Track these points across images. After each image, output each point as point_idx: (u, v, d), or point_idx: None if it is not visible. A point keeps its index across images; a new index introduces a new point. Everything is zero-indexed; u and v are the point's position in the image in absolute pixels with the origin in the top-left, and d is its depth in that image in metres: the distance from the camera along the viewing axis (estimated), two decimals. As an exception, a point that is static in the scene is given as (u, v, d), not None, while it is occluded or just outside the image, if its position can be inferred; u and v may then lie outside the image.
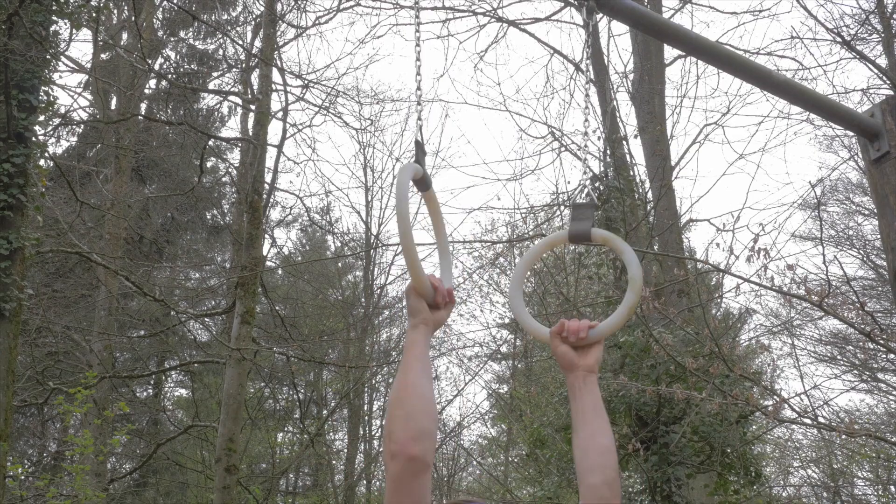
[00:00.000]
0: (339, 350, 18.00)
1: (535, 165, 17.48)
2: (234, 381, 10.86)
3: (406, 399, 1.67)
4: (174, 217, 17.90)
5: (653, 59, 11.93)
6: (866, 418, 16.26)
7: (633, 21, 2.65)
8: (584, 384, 1.87)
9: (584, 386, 1.87)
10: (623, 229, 9.26)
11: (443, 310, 1.87)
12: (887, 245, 2.94)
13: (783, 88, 2.88)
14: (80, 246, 11.49)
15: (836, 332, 15.57)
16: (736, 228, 7.86)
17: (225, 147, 17.28)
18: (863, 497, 18.50)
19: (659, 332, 8.16)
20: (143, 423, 17.87)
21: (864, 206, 16.12)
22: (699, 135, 11.78)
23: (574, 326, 1.89)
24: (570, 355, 1.88)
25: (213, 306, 16.87)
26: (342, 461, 18.09)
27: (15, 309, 7.79)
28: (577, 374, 1.88)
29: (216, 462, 10.76)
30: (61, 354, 14.35)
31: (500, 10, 12.66)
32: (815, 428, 8.45)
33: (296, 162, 21.38)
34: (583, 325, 1.90)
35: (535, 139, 13.63)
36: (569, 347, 1.89)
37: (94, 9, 9.36)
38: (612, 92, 11.44)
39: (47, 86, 8.42)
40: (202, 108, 18.32)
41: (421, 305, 1.83)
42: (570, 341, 1.89)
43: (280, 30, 13.14)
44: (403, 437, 1.62)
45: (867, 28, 11.77)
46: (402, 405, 1.66)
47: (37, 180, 8.23)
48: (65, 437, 13.42)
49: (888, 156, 2.89)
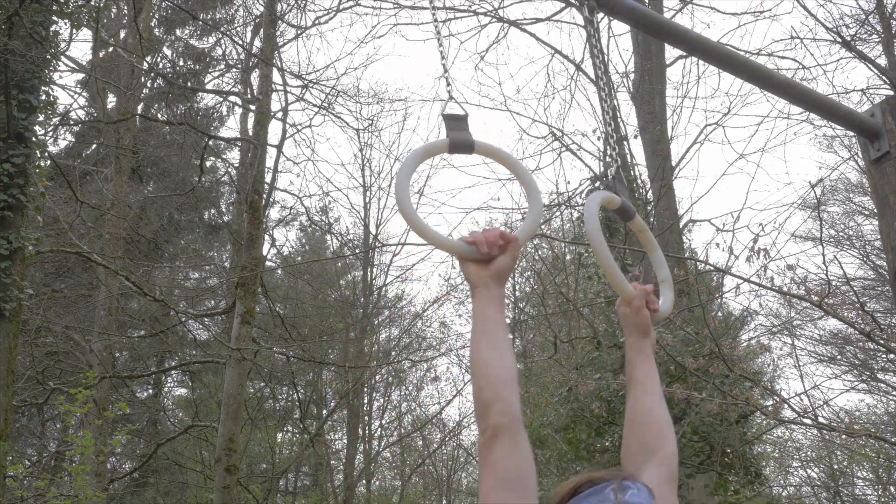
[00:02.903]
0: (338, 350, 18.00)
1: (536, 165, 17.46)
2: (234, 381, 10.86)
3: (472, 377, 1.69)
4: (173, 217, 17.90)
5: (653, 59, 11.93)
6: (866, 418, 16.27)
7: (633, 21, 2.65)
8: (651, 352, 1.93)
9: (651, 354, 1.93)
10: (623, 229, 9.26)
11: (502, 256, 1.74)
12: (887, 245, 2.94)
13: (783, 88, 2.88)
14: (80, 246, 11.48)
15: (836, 332, 15.58)
16: (736, 228, 7.87)
17: (224, 147, 17.29)
18: (863, 497, 18.51)
19: (659, 332, 8.16)
20: (143, 423, 17.86)
21: (864, 206, 16.13)
22: (699, 135, 11.79)
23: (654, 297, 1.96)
24: (649, 321, 1.94)
25: (212, 306, 16.87)
26: (342, 461, 18.09)
27: (15, 309, 7.78)
28: (647, 341, 1.93)
29: (216, 462, 10.76)
30: (61, 354, 14.35)
31: (501, 10, 12.66)
32: (815, 428, 8.45)
33: (295, 162, 21.42)
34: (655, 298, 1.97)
35: (535, 139, 13.64)
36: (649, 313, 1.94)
37: (94, 9, 9.35)
38: (612, 91, 11.43)
39: (47, 86, 8.41)
40: (201, 107, 18.32)
41: (467, 269, 1.74)
42: (651, 308, 1.95)
43: (280, 30, 13.15)
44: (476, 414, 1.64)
45: (867, 28, 11.78)
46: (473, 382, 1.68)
47: (37, 180, 8.23)
48: (65, 437, 13.43)
49: (888, 156, 2.90)
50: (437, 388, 19.93)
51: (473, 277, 1.73)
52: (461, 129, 1.92)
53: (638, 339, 1.93)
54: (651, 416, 1.82)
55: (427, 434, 19.04)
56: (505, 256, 1.74)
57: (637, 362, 1.91)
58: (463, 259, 1.75)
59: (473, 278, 1.73)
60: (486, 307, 1.70)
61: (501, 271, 1.73)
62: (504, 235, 1.74)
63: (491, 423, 1.57)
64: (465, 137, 1.90)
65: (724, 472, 8.98)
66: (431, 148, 1.93)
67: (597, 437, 9.12)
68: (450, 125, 1.92)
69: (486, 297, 1.71)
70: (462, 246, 1.74)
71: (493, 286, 1.72)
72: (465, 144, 1.90)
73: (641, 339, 1.93)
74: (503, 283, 1.75)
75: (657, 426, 1.80)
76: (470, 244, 1.73)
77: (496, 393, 1.60)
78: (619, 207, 2.06)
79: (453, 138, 1.90)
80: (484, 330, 1.68)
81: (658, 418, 1.82)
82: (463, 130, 1.92)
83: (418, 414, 19.56)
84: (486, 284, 1.72)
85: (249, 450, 16.84)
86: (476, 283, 1.73)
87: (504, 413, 1.58)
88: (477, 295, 1.72)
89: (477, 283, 1.72)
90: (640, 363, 1.90)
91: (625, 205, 2.06)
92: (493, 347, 1.66)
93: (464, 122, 1.94)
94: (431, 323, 18.73)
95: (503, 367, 1.64)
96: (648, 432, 1.80)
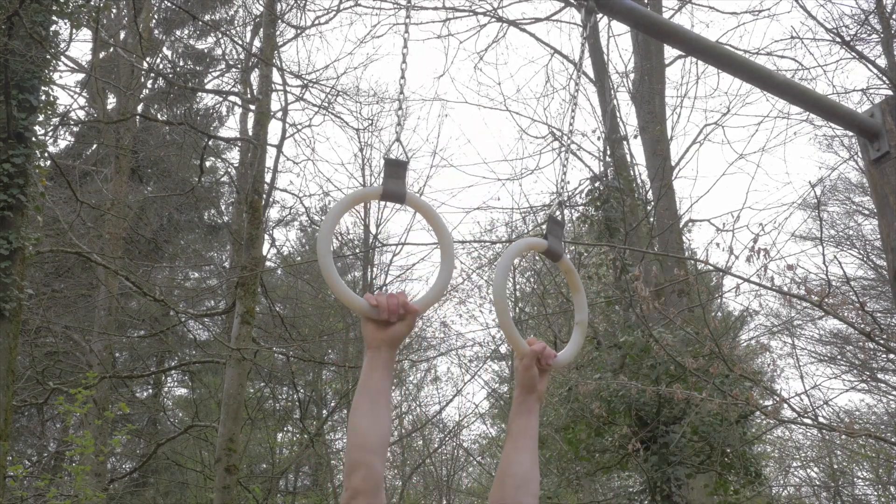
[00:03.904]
0: (338, 350, 18.00)
1: (535, 165, 17.51)
2: (234, 381, 10.86)
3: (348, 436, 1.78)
4: (173, 217, 17.90)
5: (653, 59, 11.93)
6: (866, 418, 16.27)
7: (633, 21, 2.65)
8: (534, 407, 1.94)
9: (533, 409, 1.93)
10: (623, 229, 9.26)
11: (399, 324, 1.81)
12: (887, 245, 2.94)
13: (783, 89, 2.88)
14: (80, 246, 11.48)
15: (836, 332, 15.60)
16: (736, 228, 7.86)
17: (224, 147, 17.29)
18: (863, 497, 18.51)
19: (659, 332, 8.17)
20: (143, 423, 17.87)
21: (864, 206, 16.13)
22: (699, 135, 11.81)
23: (549, 352, 1.96)
24: (536, 379, 1.93)
25: (212, 306, 16.87)
26: (342, 461, 18.09)
27: (15, 309, 7.78)
28: (533, 396, 1.93)
29: (216, 462, 10.76)
30: (61, 354, 14.35)
31: (501, 10, 12.67)
32: (815, 428, 8.45)
33: (295, 162, 21.41)
34: (553, 352, 1.97)
35: (535, 139, 13.65)
36: (537, 371, 1.94)
37: (94, 9, 9.35)
38: (612, 91, 11.44)
39: (47, 86, 8.41)
40: (201, 108, 18.33)
41: (365, 328, 1.81)
42: (541, 364, 1.95)
43: (280, 29, 13.15)
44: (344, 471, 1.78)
45: (867, 28, 11.79)
46: (346, 441, 1.80)
47: (37, 180, 8.22)
48: (65, 437, 13.42)
49: (888, 156, 2.89)
50: (437, 388, 19.93)
51: (369, 338, 1.82)
52: (398, 177, 1.96)
53: (522, 393, 1.94)
54: (512, 470, 1.86)
55: (427, 434, 19.05)
56: (402, 325, 1.82)
57: (516, 416, 1.93)
58: (363, 317, 1.82)
59: (369, 339, 1.82)
60: (373, 372, 1.79)
61: (396, 338, 1.82)
62: (406, 306, 1.82)
63: (353, 484, 1.70)
64: (398, 188, 1.95)
65: (724, 472, 8.98)
66: (363, 195, 2.01)
67: (597, 437, 9.13)
68: (388, 171, 1.96)
69: (374, 361, 1.80)
70: (363, 305, 1.80)
71: (385, 350, 1.81)
72: (397, 195, 1.95)
73: (526, 394, 1.93)
74: (395, 347, 1.83)
75: (517, 482, 1.85)
76: (374, 306, 1.80)
77: (362, 458, 1.72)
78: (546, 250, 2.08)
79: (387, 187, 1.95)
80: (364, 394, 1.78)
81: (520, 475, 1.86)
82: (399, 179, 1.96)
83: (418, 414, 19.57)
84: (379, 347, 1.81)
85: (249, 450, 16.84)
86: (370, 343, 1.82)
87: (366, 479, 1.69)
88: (368, 356, 1.81)
89: (371, 343, 1.82)
90: (517, 417, 1.93)
91: (551, 248, 2.07)
92: (370, 413, 1.76)
93: (402, 170, 1.97)
94: (431, 323, 18.75)
95: (376, 434, 1.74)
96: (507, 486, 1.85)
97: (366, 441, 1.73)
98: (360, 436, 1.74)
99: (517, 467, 1.86)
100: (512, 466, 1.86)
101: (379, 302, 1.80)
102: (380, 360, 1.79)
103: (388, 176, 1.94)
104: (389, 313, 1.80)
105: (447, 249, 1.96)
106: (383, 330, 1.81)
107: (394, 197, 1.94)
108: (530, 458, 1.88)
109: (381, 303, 1.80)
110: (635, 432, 8.34)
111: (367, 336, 1.81)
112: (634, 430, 8.41)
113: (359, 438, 1.73)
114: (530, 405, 1.93)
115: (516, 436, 1.90)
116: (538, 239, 2.11)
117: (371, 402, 1.76)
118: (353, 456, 1.72)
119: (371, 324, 1.81)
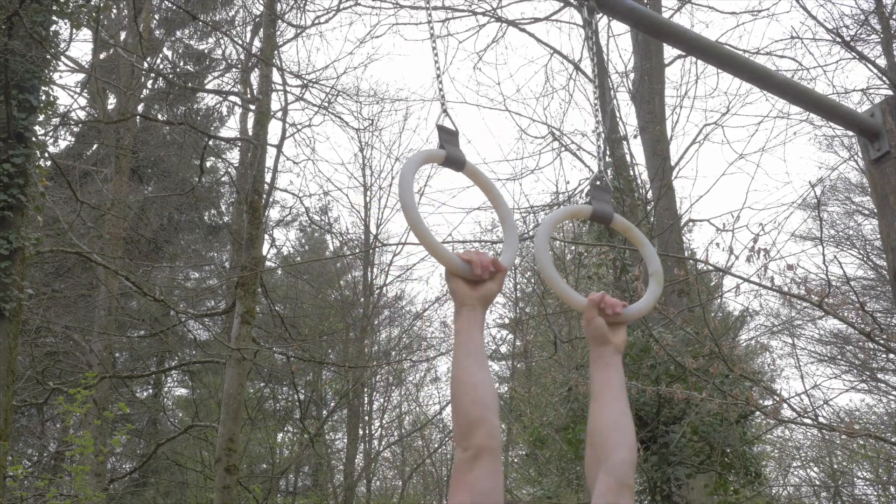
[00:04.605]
0: (338, 350, 18.01)
1: (535, 165, 17.50)
2: (234, 381, 10.86)
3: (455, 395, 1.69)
4: (173, 217, 17.90)
5: (653, 58, 11.93)
6: (866, 418, 16.26)
7: (633, 21, 2.65)
8: (612, 360, 1.86)
9: (613, 363, 1.86)
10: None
11: (490, 282, 1.76)
12: (887, 245, 2.94)
13: (783, 88, 2.88)
14: (80, 246, 11.48)
15: (836, 332, 15.60)
16: (736, 228, 7.84)
17: (224, 147, 17.29)
18: (863, 497, 18.50)
19: (659, 332, 8.17)
20: (143, 423, 17.87)
21: (864, 206, 16.13)
22: (699, 135, 11.81)
23: (612, 300, 1.88)
24: (605, 329, 1.86)
25: (212, 306, 16.87)
26: (342, 461, 18.10)
27: (15, 309, 7.78)
28: (608, 348, 1.86)
29: (216, 462, 10.76)
30: (61, 354, 14.34)
31: (500, 9, 12.67)
32: (815, 428, 8.45)
33: (295, 162, 21.39)
34: (618, 302, 1.89)
35: (534, 139, 13.65)
36: (604, 321, 1.87)
37: (94, 9, 9.34)
38: (612, 91, 11.44)
39: (47, 86, 8.40)
40: (201, 108, 18.33)
41: (457, 286, 1.75)
42: (607, 314, 1.88)
43: (279, 29, 13.14)
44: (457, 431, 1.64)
45: (867, 28, 11.79)
46: (453, 400, 1.69)
47: (37, 180, 8.22)
48: (65, 437, 13.42)
49: (888, 156, 2.90)
50: (437, 388, 19.93)
51: (463, 296, 1.74)
52: (454, 143, 1.95)
53: (596, 347, 1.88)
54: (601, 425, 1.79)
55: (427, 434, 19.04)
56: (493, 283, 1.76)
57: (594, 372, 1.87)
58: (454, 274, 1.75)
59: (463, 297, 1.74)
60: (472, 331, 1.72)
61: (488, 296, 1.75)
62: (496, 263, 1.76)
63: (475, 442, 1.59)
64: (458, 155, 1.93)
65: (724, 472, 8.98)
66: (429, 156, 1.95)
67: (597, 437, 9.11)
68: (444, 137, 1.94)
69: (472, 319, 1.73)
70: (458, 261, 1.75)
71: (479, 309, 1.74)
72: (458, 161, 1.92)
73: (599, 347, 1.87)
74: (488, 306, 1.76)
75: (607, 434, 1.78)
76: (465, 262, 1.75)
77: (483, 415, 1.63)
78: (593, 214, 2.02)
79: (450, 152, 1.92)
80: (470, 351, 1.70)
81: (607, 426, 1.78)
82: (455, 146, 1.94)
83: (418, 414, 19.58)
84: (474, 306, 1.74)
85: (249, 450, 16.84)
86: (465, 301, 1.74)
87: (490, 436, 1.61)
88: (463, 314, 1.73)
89: (465, 301, 1.74)
90: (597, 374, 1.86)
91: (598, 211, 2.02)
92: (479, 371, 1.68)
93: (455, 138, 1.96)
94: (432, 323, 18.76)
95: (489, 391, 1.67)
96: (598, 442, 1.78)
97: (484, 397, 1.65)
98: (478, 391, 1.65)
99: (600, 422, 1.79)
100: (596, 422, 1.80)
101: (472, 259, 1.75)
102: (476, 319, 1.73)
103: (446, 142, 1.93)
104: (482, 269, 1.74)
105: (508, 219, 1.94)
106: (476, 288, 1.75)
107: (455, 163, 1.92)
108: (616, 409, 1.81)
109: (474, 260, 1.75)
110: (635, 432, 8.34)
111: (461, 295, 1.74)
112: (634, 429, 8.40)
113: (476, 394, 1.65)
114: (607, 359, 1.85)
115: (597, 393, 1.84)
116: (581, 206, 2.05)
117: (476, 361, 1.69)
118: (472, 413, 1.63)
119: (462, 282, 1.75)
